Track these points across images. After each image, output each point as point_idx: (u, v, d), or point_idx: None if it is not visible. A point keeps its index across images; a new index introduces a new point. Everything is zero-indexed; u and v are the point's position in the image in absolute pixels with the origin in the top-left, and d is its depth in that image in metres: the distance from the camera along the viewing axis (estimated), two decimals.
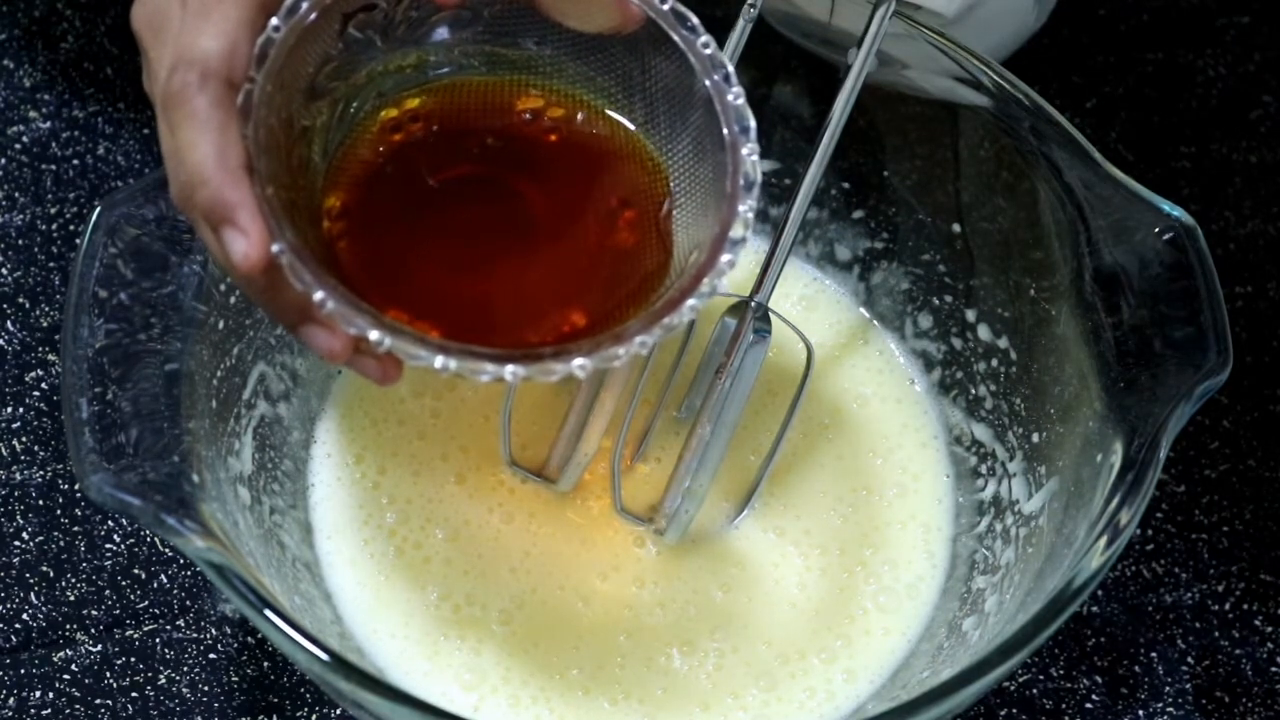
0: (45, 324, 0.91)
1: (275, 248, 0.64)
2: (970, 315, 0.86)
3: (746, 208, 0.68)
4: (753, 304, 0.81)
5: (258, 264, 0.64)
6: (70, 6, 1.01)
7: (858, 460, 0.86)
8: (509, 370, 0.65)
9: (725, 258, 0.67)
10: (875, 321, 0.90)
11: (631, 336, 0.66)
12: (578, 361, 0.66)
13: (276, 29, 0.66)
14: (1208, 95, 1.01)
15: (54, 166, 0.96)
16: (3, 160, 0.96)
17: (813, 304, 0.90)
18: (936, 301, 0.88)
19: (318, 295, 0.64)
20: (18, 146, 0.96)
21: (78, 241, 0.75)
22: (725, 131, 0.69)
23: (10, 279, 0.92)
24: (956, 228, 0.86)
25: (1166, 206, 0.77)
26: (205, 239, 0.67)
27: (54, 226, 0.94)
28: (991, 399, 0.85)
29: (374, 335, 0.65)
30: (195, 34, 0.65)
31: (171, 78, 0.65)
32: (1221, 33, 1.03)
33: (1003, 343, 0.85)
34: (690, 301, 0.66)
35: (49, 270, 0.93)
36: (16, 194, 0.95)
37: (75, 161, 0.96)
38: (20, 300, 0.92)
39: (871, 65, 0.80)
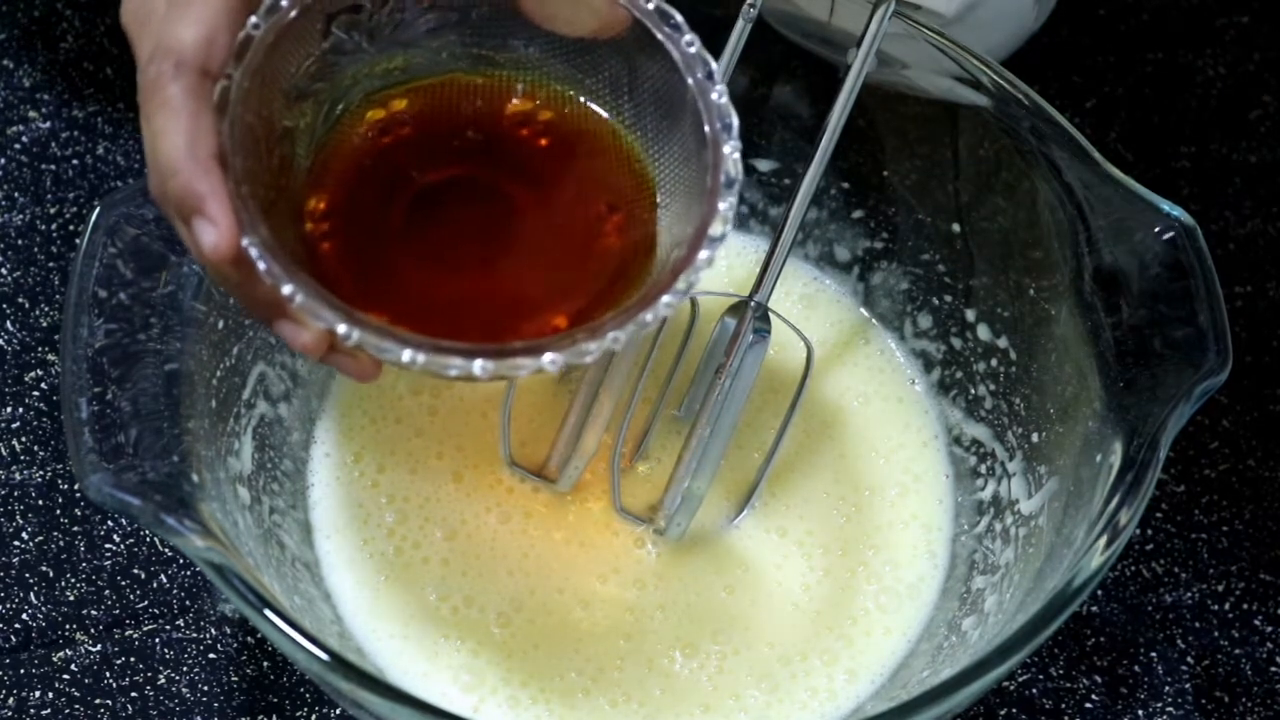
0: (45, 324, 0.91)
1: (244, 241, 0.64)
2: (970, 315, 0.86)
3: (727, 205, 0.67)
4: (752, 304, 0.81)
5: (227, 255, 0.64)
6: (70, 6, 1.01)
7: (860, 460, 0.86)
8: (477, 365, 0.65)
9: (703, 254, 0.66)
10: (875, 321, 0.90)
11: (605, 332, 0.66)
12: (548, 357, 0.65)
13: (256, 26, 0.66)
14: (1208, 95, 1.01)
15: (54, 166, 0.96)
16: (3, 160, 0.96)
17: (812, 303, 0.90)
18: (936, 301, 0.88)
19: (286, 289, 0.64)
20: (18, 146, 0.96)
21: (77, 241, 0.75)
22: (707, 129, 0.68)
23: (10, 279, 0.92)
24: (956, 228, 0.86)
25: (1166, 206, 0.77)
26: (180, 231, 0.66)
27: (54, 226, 0.94)
28: (991, 399, 0.85)
29: (341, 329, 0.64)
30: (174, 24, 0.65)
31: (148, 67, 0.65)
32: (1221, 33, 1.03)
33: (1002, 342, 0.85)
34: (665, 298, 0.66)
35: (49, 270, 0.93)
36: (16, 194, 0.95)
37: (75, 161, 0.96)
38: (20, 300, 0.92)
39: (871, 65, 0.80)
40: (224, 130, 0.65)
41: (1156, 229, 0.77)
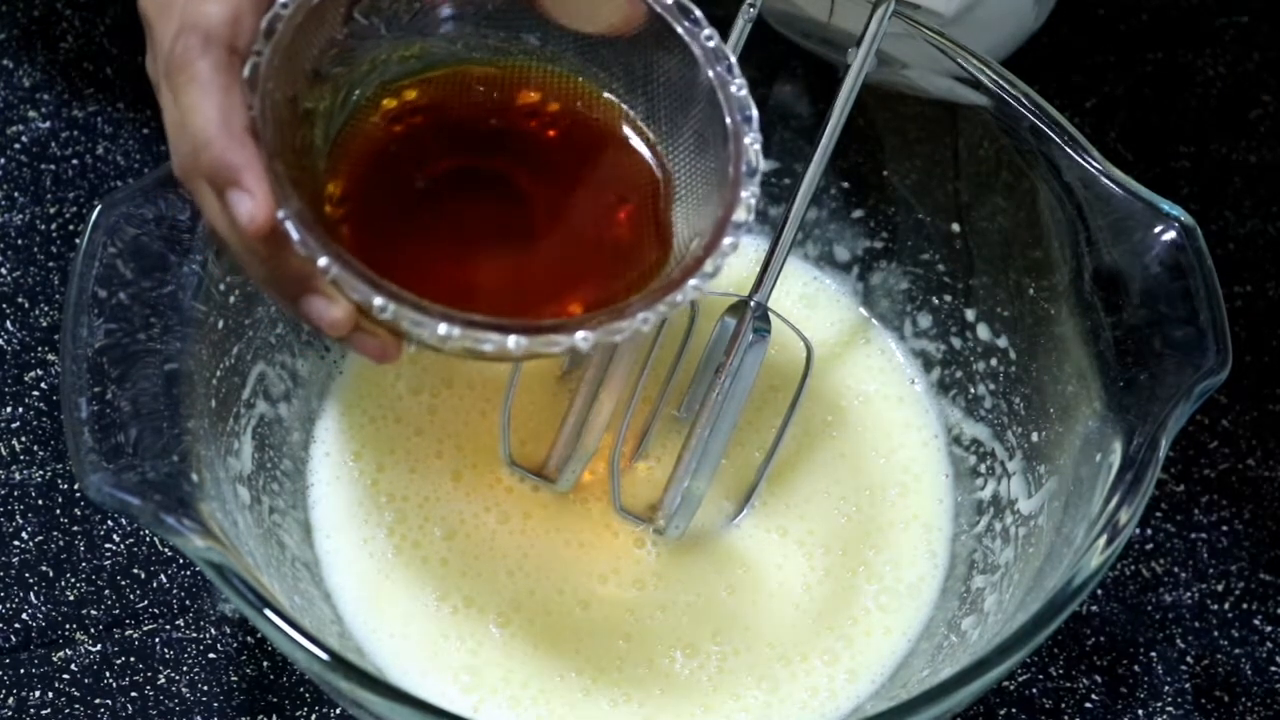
0: (45, 324, 0.91)
1: (280, 213, 0.65)
2: (970, 315, 0.86)
3: (749, 193, 0.69)
4: (752, 304, 0.81)
5: (264, 226, 0.64)
6: (70, 6, 1.01)
7: (860, 459, 0.86)
8: (512, 340, 0.65)
9: (728, 240, 0.68)
10: (875, 321, 0.90)
11: (634, 312, 0.66)
12: (580, 334, 0.66)
13: (285, 5, 0.67)
14: (1207, 95, 1.01)
15: (54, 166, 0.96)
16: (2, 160, 0.96)
17: (813, 303, 0.90)
18: (936, 301, 0.88)
19: (322, 261, 0.64)
20: (17, 146, 0.96)
21: (77, 241, 0.75)
22: (728, 120, 0.69)
23: (10, 279, 0.92)
24: (956, 227, 0.86)
25: (1166, 206, 0.77)
26: (208, 207, 0.67)
27: (54, 226, 0.94)
28: (991, 398, 0.85)
29: (378, 301, 0.65)
30: (200, 2, 0.66)
31: (174, 45, 0.66)
32: (1221, 33, 1.03)
33: (1002, 342, 0.85)
34: (693, 281, 0.67)
35: (49, 270, 0.93)
36: (16, 194, 0.95)
37: (75, 161, 0.96)
38: (20, 300, 0.92)
39: (871, 65, 0.80)
40: (255, 104, 0.66)
41: (1156, 229, 0.77)
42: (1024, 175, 0.81)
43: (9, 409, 0.89)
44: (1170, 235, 0.77)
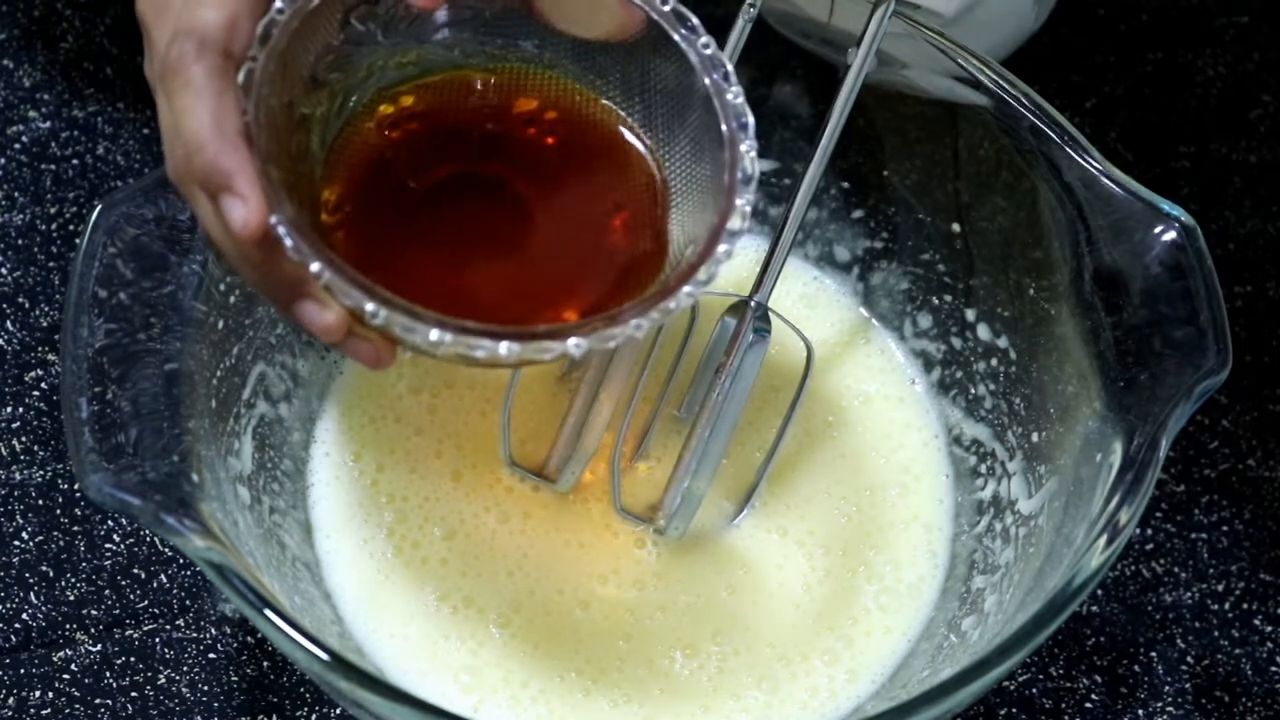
0: (45, 324, 0.91)
1: (273, 219, 0.65)
2: (970, 315, 0.86)
3: (744, 201, 0.68)
4: (752, 304, 0.81)
5: (256, 231, 0.64)
6: (70, 6, 1.01)
7: (860, 460, 0.86)
8: (504, 346, 0.65)
9: (722, 247, 0.68)
10: (875, 321, 0.90)
11: (627, 319, 0.66)
12: (573, 340, 0.66)
13: (280, 11, 0.67)
14: (1207, 95, 1.01)
15: (54, 166, 0.96)
16: (3, 160, 0.96)
17: (813, 303, 0.90)
18: (936, 301, 0.88)
19: (314, 266, 0.64)
20: (18, 146, 0.96)
21: (78, 241, 0.75)
22: (724, 128, 0.69)
23: (10, 279, 0.92)
24: (956, 227, 0.86)
25: (1166, 206, 0.78)
26: (202, 213, 0.67)
27: (54, 226, 0.94)
28: (991, 398, 0.85)
29: (370, 307, 0.65)
30: (196, 8, 0.66)
31: (169, 49, 0.66)
32: (1221, 33, 1.03)
33: (1002, 342, 0.85)
34: (686, 288, 0.67)
35: (49, 270, 0.93)
36: (16, 194, 0.95)
37: (75, 161, 0.96)
38: (20, 300, 0.92)
39: (871, 65, 0.80)
40: (249, 110, 0.66)
41: (1156, 229, 0.77)
42: (1024, 175, 0.81)
43: (9, 409, 0.89)
44: (1170, 235, 0.77)
